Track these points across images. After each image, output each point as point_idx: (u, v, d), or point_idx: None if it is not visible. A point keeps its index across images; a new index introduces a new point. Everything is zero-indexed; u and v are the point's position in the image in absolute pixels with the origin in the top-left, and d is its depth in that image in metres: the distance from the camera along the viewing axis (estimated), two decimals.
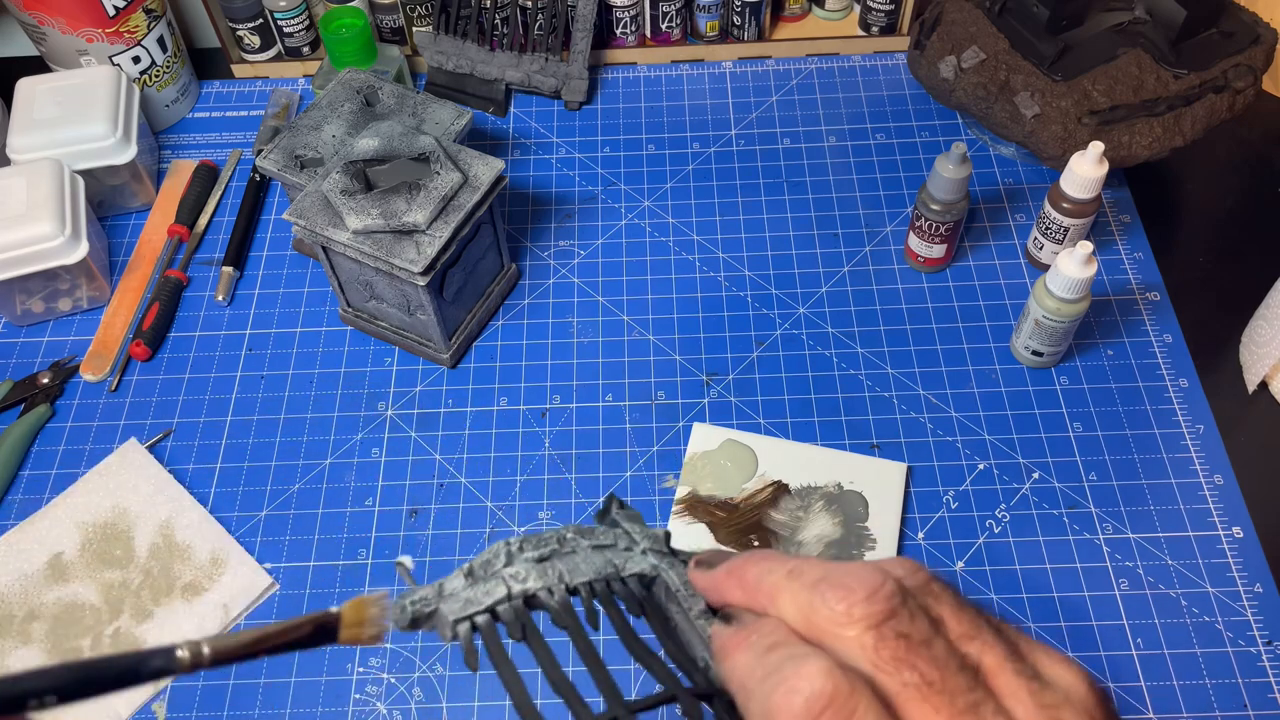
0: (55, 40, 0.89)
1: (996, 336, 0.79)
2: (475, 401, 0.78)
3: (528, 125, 0.95)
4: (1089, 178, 0.74)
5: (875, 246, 0.85)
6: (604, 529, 0.39)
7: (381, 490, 0.74)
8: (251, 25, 0.96)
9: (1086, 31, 0.82)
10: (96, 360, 0.81)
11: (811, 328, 0.81)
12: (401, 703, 0.65)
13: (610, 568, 0.37)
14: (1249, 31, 0.81)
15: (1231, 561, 0.68)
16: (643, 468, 0.74)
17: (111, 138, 0.85)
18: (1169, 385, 0.76)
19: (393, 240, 0.69)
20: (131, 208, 0.91)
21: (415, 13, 0.96)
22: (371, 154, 0.72)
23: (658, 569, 0.37)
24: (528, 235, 0.87)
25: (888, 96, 0.95)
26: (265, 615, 0.69)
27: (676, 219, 0.88)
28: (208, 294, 0.85)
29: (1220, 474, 0.72)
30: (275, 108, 0.96)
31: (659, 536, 0.39)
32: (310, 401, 0.79)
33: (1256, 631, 0.65)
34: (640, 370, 0.79)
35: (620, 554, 0.38)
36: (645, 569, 0.37)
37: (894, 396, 0.77)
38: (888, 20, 0.97)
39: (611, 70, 0.99)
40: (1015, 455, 0.73)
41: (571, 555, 0.37)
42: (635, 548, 0.38)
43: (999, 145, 0.91)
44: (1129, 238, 0.85)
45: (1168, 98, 0.79)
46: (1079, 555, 0.69)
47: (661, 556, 0.38)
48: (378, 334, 0.81)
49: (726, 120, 0.94)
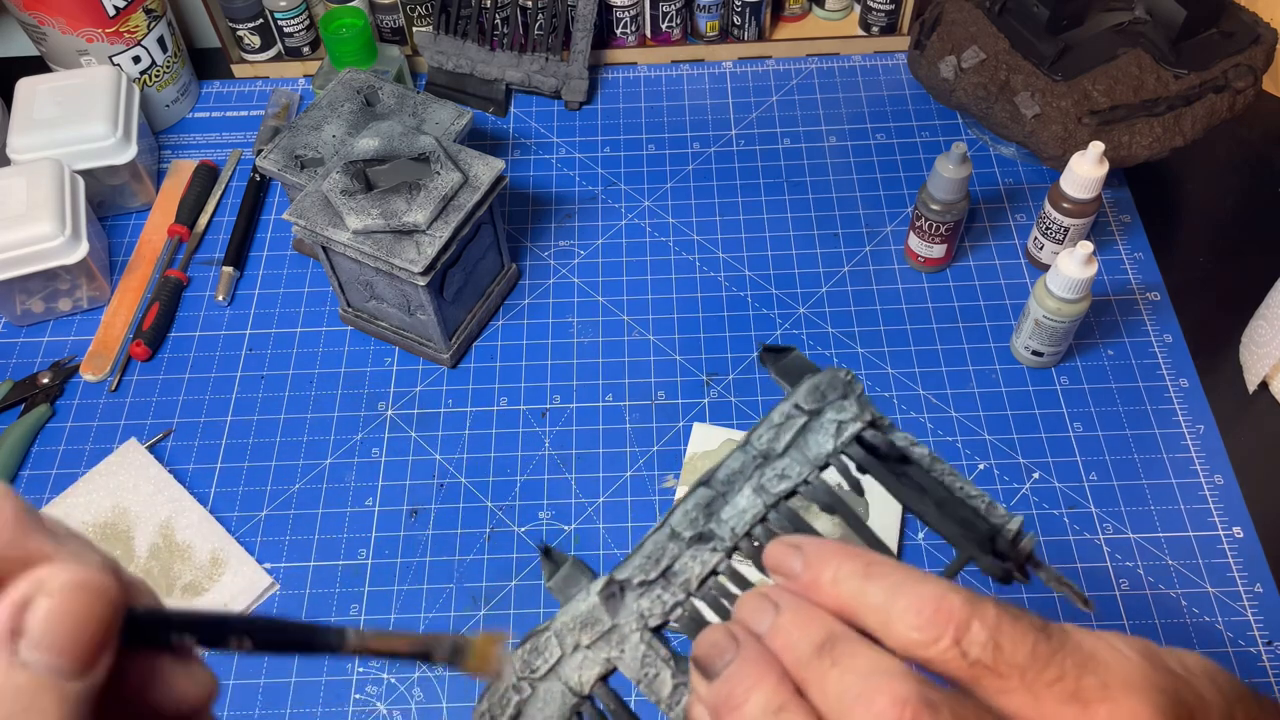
0: (55, 40, 0.89)
1: (996, 336, 0.79)
2: (475, 401, 0.78)
3: (528, 125, 0.95)
4: (1089, 178, 0.74)
5: (875, 246, 0.85)
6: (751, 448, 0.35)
7: (381, 490, 0.74)
8: (251, 25, 0.96)
9: (1086, 31, 0.82)
10: (96, 360, 0.81)
11: (811, 328, 0.81)
12: (401, 703, 0.65)
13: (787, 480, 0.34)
14: (1249, 31, 0.81)
15: (1231, 561, 0.68)
16: (643, 468, 0.74)
17: (111, 138, 0.85)
18: (1169, 385, 0.76)
19: (393, 240, 0.69)
20: (131, 208, 0.91)
21: (415, 13, 0.96)
22: (371, 154, 0.72)
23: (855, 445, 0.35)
24: (528, 235, 0.87)
25: (888, 96, 0.95)
26: None
27: (676, 219, 0.88)
28: (208, 294, 0.85)
29: (1220, 474, 0.72)
30: (275, 108, 0.96)
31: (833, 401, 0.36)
32: (310, 401, 0.78)
33: (1257, 631, 0.65)
34: (640, 370, 0.79)
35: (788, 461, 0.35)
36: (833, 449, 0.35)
37: (894, 396, 0.77)
38: (888, 20, 0.97)
39: (611, 70, 0.99)
40: (1015, 455, 0.73)
41: None
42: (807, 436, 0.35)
43: (999, 145, 0.91)
44: (1129, 238, 0.85)
45: (1168, 98, 0.79)
46: (1079, 555, 0.69)
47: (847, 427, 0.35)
48: (378, 334, 0.81)
49: (726, 120, 0.94)
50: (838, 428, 0.35)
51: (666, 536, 0.34)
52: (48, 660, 0.22)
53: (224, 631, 0.26)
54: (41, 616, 0.22)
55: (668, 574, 0.34)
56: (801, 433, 0.35)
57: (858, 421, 0.35)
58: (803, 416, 0.35)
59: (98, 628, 0.23)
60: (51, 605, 0.22)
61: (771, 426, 0.35)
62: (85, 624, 0.23)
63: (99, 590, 0.23)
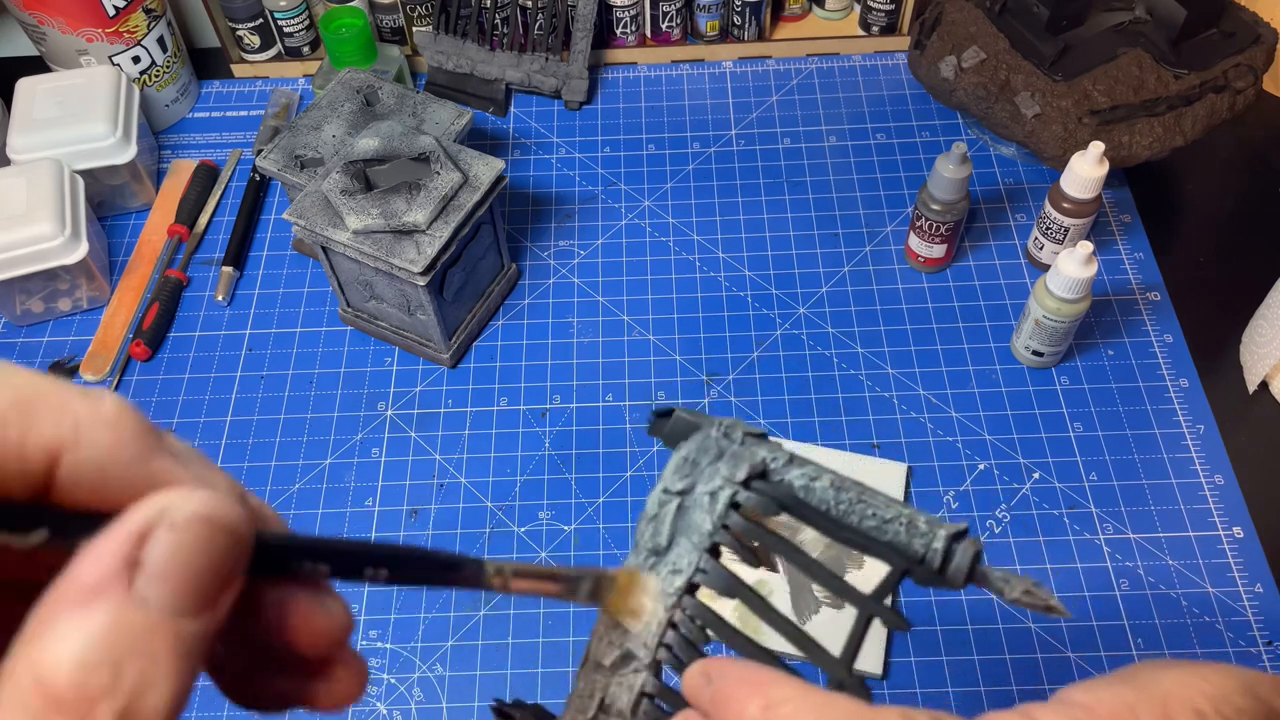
0: (55, 40, 0.89)
1: (997, 336, 0.79)
2: (475, 401, 0.78)
3: (528, 125, 0.95)
4: (1089, 178, 0.74)
5: (875, 246, 0.85)
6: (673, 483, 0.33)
7: (381, 490, 0.74)
8: (251, 25, 0.95)
9: (1087, 31, 0.82)
10: (96, 360, 0.81)
11: (812, 328, 0.81)
12: (401, 703, 0.65)
13: None
14: (1249, 31, 0.81)
15: (1232, 561, 0.68)
16: (643, 468, 0.74)
17: (111, 138, 0.85)
18: (1169, 385, 0.76)
19: (393, 240, 0.69)
20: (131, 208, 0.91)
21: (415, 13, 0.96)
22: (371, 154, 0.72)
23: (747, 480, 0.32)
24: (528, 235, 0.87)
25: (888, 96, 0.95)
26: None
27: (676, 219, 0.88)
28: (208, 294, 0.85)
29: (1220, 474, 0.72)
30: (275, 108, 0.96)
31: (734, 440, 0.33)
32: (310, 401, 0.78)
33: (1257, 632, 0.65)
34: (640, 370, 0.79)
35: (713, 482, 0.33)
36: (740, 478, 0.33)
37: (894, 396, 0.77)
38: (888, 20, 0.97)
39: (611, 70, 0.99)
40: (1015, 455, 0.73)
41: None
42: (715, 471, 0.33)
43: (999, 145, 0.91)
44: (1129, 238, 0.85)
45: (1168, 98, 0.79)
46: (1079, 555, 0.69)
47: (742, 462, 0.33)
48: (378, 334, 0.81)
49: (726, 120, 0.94)
50: (710, 500, 0.32)
51: (593, 669, 0.32)
52: (166, 598, 0.20)
53: (360, 561, 0.24)
54: (163, 550, 0.20)
55: (604, 708, 0.32)
56: (680, 516, 0.33)
57: (730, 486, 0.32)
58: (675, 499, 0.33)
59: (223, 563, 0.21)
60: (175, 539, 0.20)
61: (649, 520, 0.33)
62: (210, 559, 0.20)
63: (227, 522, 0.21)
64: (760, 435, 0.33)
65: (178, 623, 0.20)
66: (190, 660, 0.20)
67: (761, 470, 0.32)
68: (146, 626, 0.19)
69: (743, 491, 0.32)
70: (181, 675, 0.20)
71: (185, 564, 0.20)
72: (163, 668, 0.19)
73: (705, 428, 0.33)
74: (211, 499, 0.21)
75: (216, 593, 0.21)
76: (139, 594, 0.20)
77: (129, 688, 0.19)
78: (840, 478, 0.32)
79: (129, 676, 0.19)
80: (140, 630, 0.19)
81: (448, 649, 0.67)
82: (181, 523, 0.20)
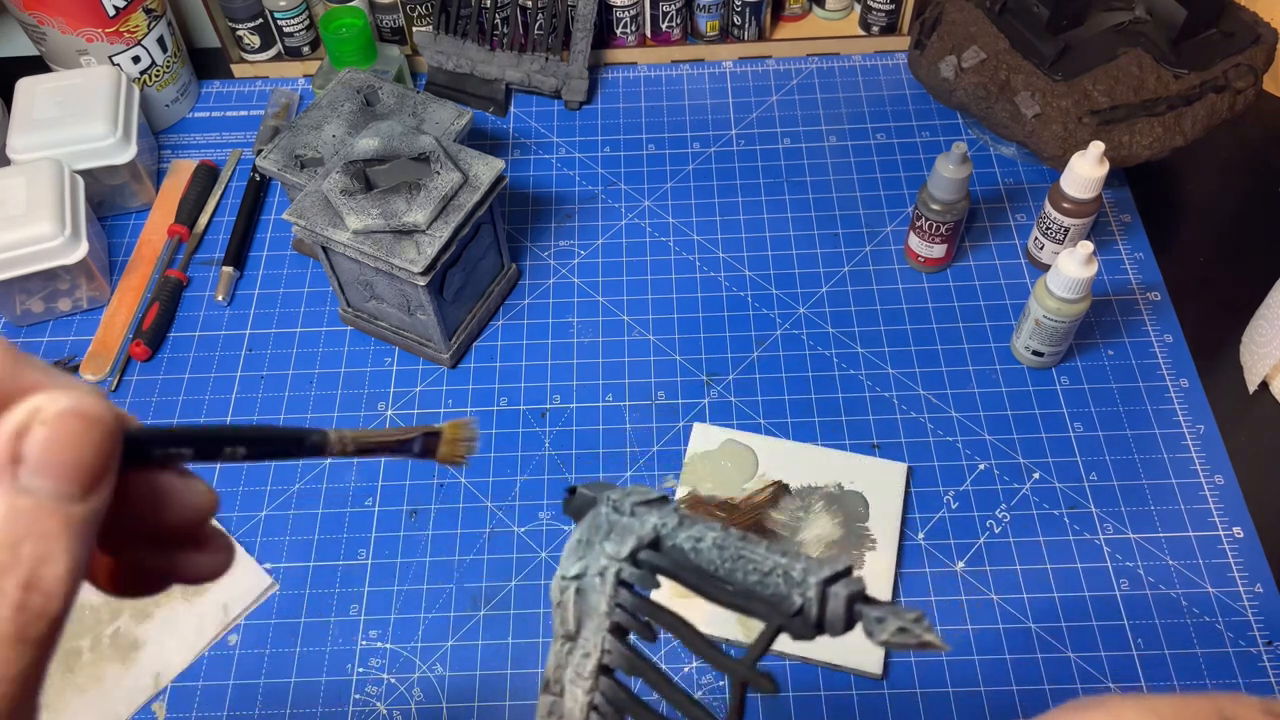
0: (55, 40, 0.89)
1: (997, 336, 0.79)
2: (475, 401, 0.78)
3: (528, 125, 0.95)
4: (1089, 178, 0.74)
5: (875, 246, 0.85)
6: None
7: (381, 490, 0.74)
8: (251, 25, 0.96)
9: (1087, 31, 0.82)
10: (96, 360, 0.81)
11: (812, 328, 0.81)
12: (401, 703, 0.65)
13: None
14: (1249, 31, 0.81)
15: (1232, 561, 0.68)
16: (643, 468, 0.74)
17: (111, 138, 0.85)
18: (1169, 385, 0.76)
19: (393, 240, 0.69)
20: (131, 208, 0.91)
21: (415, 12, 0.96)
22: (371, 154, 0.72)
23: None
24: (528, 235, 0.87)
25: (888, 96, 0.95)
26: (265, 615, 0.69)
27: (676, 219, 0.88)
28: (208, 294, 0.85)
29: (1220, 474, 0.72)
30: (275, 108, 0.96)
31: None
32: (310, 401, 0.78)
33: (1257, 632, 0.65)
34: (640, 370, 0.79)
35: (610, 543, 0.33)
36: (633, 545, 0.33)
37: (894, 396, 0.77)
38: (888, 20, 0.97)
39: (611, 70, 0.99)
40: (1015, 455, 0.73)
41: None
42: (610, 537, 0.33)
43: (999, 145, 0.91)
44: (1129, 238, 0.85)
45: (1168, 97, 0.79)
46: (1079, 555, 0.69)
47: None
48: (378, 334, 0.81)
49: (726, 120, 0.94)
50: (600, 580, 0.33)
51: None
52: (49, 485, 0.22)
53: (218, 443, 0.27)
54: (39, 442, 0.23)
55: None
56: (581, 599, 0.33)
57: (615, 563, 0.32)
58: (572, 584, 0.33)
59: (97, 449, 0.23)
60: (48, 431, 0.23)
61: (557, 607, 0.33)
62: (84, 447, 0.23)
63: (94, 414, 0.23)
64: (656, 500, 0.33)
65: (64, 506, 0.23)
66: (81, 539, 0.23)
67: (653, 539, 0.32)
68: (37, 511, 0.22)
69: (627, 568, 0.32)
70: (75, 551, 0.23)
71: (62, 453, 0.23)
72: (57, 545, 0.22)
73: (598, 504, 0.33)
74: (77, 395, 0.23)
75: (96, 477, 0.23)
76: (24, 484, 0.22)
77: (28, 562, 0.22)
78: (723, 535, 0.32)
79: (27, 553, 0.22)
80: (30, 515, 0.22)
81: (448, 649, 0.67)
82: (53, 418, 0.23)
